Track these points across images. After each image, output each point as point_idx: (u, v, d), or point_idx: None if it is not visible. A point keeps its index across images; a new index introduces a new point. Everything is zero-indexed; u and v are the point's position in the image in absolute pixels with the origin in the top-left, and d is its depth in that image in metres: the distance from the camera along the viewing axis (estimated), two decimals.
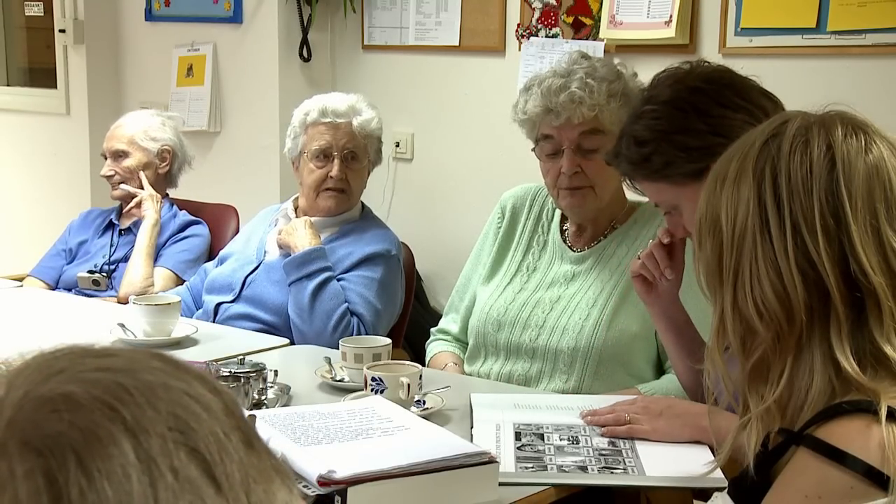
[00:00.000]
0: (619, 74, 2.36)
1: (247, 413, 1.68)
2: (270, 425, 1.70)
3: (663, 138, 1.86)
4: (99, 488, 0.55)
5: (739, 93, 1.86)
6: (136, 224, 3.26)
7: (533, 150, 2.41)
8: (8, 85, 4.88)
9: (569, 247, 2.45)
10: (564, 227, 2.48)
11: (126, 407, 0.58)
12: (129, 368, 0.61)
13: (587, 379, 2.27)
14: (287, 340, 2.59)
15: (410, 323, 3.04)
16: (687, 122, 1.85)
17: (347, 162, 2.83)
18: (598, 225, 2.44)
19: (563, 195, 2.37)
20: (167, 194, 3.37)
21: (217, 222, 3.37)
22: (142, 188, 3.28)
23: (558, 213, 2.50)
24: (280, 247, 2.80)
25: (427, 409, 1.98)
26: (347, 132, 2.82)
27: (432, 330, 2.61)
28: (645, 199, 2.45)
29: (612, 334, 2.26)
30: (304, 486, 1.51)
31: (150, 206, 3.23)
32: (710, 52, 3.06)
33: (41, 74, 4.66)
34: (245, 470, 0.60)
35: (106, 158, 3.34)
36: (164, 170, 3.35)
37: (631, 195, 2.47)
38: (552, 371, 2.31)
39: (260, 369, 2.00)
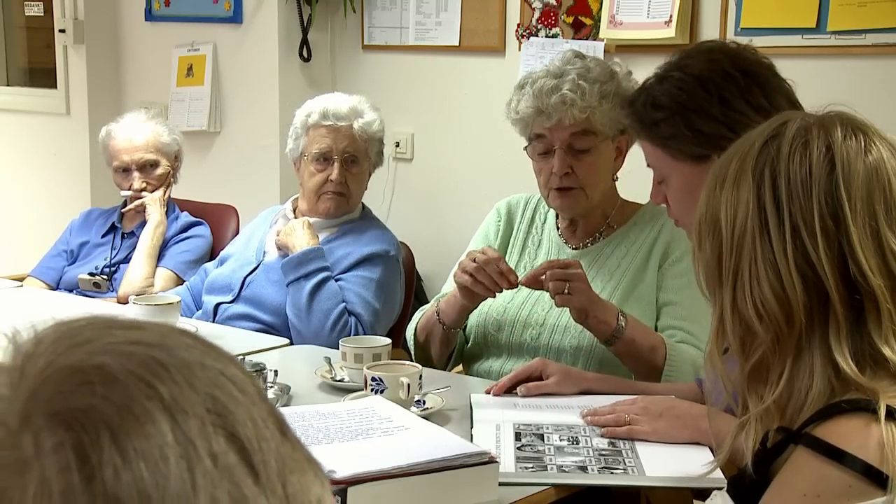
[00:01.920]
0: (612, 75, 2.36)
1: None
2: None
3: (679, 111, 1.86)
4: (135, 469, 0.51)
5: (767, 95, 1.85)
6: (139, 227, 3.25)
7: (525, 148, 2.42)
8: (8, 85, 4.87)
9: (564, 242, 2.46)
10: (558, 225, 2.49)
11: (163, 384, 0.54)
12: (163, 344, 0.57)
13: None
14: (287, 340, 2.59)
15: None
16: (708, 104, 1.85)
17: (347, 165, 2.82)
18: (590, 221, 2.44)
19: (553, 196, 2.38)
20: (169, 195, 3.37)
21: (217, 222, 3.37)
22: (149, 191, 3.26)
23: (551, 213, 2.50)
24: (278, 247, 2.80)
25: (427, 409, 1.98)
26: (348, 135, 2.82)
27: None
28: (645, 202, 2.47)
29: None
30: None
31: (154, 209, 3.22)
32: None
33: (41, 74, 4.66)
34: (282, 459, 0.57)
35: (127, 171, 3.25)
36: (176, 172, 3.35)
37: (625, 194, 2.48)
38: None
39: (260, 369, 2.00)
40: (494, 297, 2.25)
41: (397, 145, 3.80)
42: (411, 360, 2.27)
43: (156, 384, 0.54)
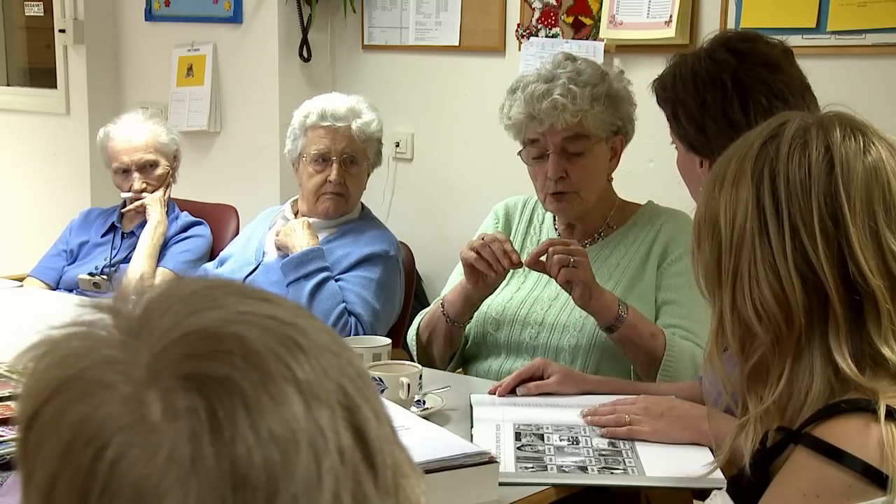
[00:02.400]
0: (603, 76, 2.35)
1: None
2: None
3: (672, 97, 1.95)
4: (266, 450, 0.50)
5: (746, 112, 1.86)
6: (139, 227, 3.25)
7: (519, 153, 2.42)
8: (8, 85, 4.87)
9: None
10: (556, 226, 2.49)
11: (301, 367, 0.53)
12: (297, 323, 0.55)
13: None
14: None
15: (410, 323, 3.03)
16: (691, 101, 1.91)
17: (346, 166, 2.82)
18: (588, 222, 2.44)
19: (549, 201, 2.38)
20: (169, 195, 3.36)
21: (217, 223, 3.37)
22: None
23: (549, 214, 2.51)
24: (278, 248, 2.80)
25: (427, 409, 1.98)
26: (346, 136, 2.82)
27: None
28: (643, 202, 2.47)
29: None
30: None
31: (155, 209, 3.22)
32: None
33: (41, 74, 4.66)
34: (395, 462, 0.56)
35: (126, 172, 3.24)
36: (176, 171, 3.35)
37: (624, 194, 2.49)
38: None
39: None
40: (495, 274, 2.23)
41: (397, 145, 3.80)
42: (411, 361, 2.27)
43: (294, 366, 0.53)
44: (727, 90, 1.87)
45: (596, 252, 2.40)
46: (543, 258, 2.19)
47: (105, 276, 3.20)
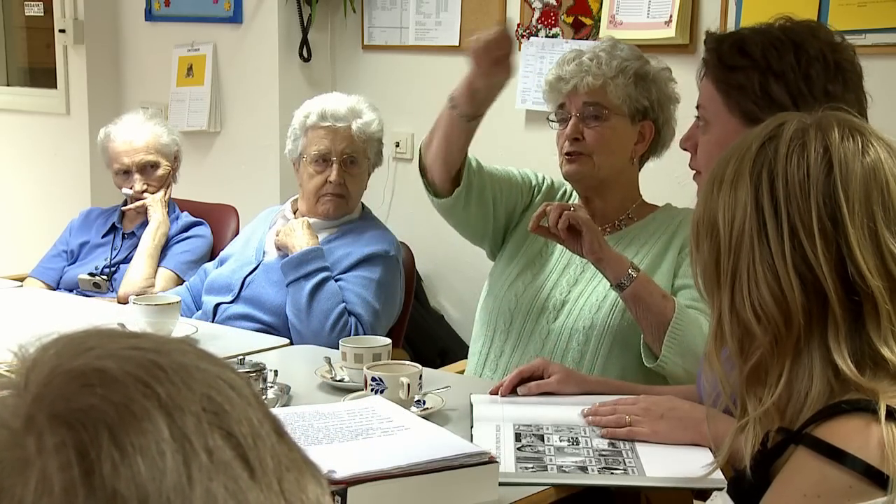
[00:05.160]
0: (640, 56, 2.42)
1: None
2: None
3: (760, 67, 1.78)
4: (132, 464, 0.53)
5: (846, 95, 1.76)
6: (140, 227, 3.25)
7: (548, 118, 2.48)
8: (8, 85, 4.88)
9: None
10: None
11: (161, 384, 0.57)
12: (161, 349, 0.60)
13: (599, 359, 2.28)
14: (287, 340, 2.59)
15: (410, 323, 3.04)
16: (792, 73, 1.76)
17: (346, 166, 2.82)
18: (609, 204, 2.46)
19: (564, 163, 2.43)
20: (170, 195, 3.37)
21: (217, 222, 3.37)
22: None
23: (576, 202, 2.50)
24: (278, 247, 2.80)
25: (427, 409, 1.98)
26: (346, 136, 2.82)
27: None
28: (662, 204, 2.47)
29: (628, 315, 2.25)
30: None
31: (156, 210, 3.22)
32: None
33: (41, 74, 4.66)
34: (277, 457, 0.59)
35: (127, 173, 3.25)
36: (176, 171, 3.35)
37: (648, 196, 2.49)
38: (564, 351, 2.32)
39: (260, 369, 2.00)
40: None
41: (397, 145, 3.80)
42: (410, 359, 2.27)
43: (153, 384, 0.57)
44: (830, 67, 1.76)
45: (614, 242, 2.41)
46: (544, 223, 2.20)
47: (105, 277, 3.20)
